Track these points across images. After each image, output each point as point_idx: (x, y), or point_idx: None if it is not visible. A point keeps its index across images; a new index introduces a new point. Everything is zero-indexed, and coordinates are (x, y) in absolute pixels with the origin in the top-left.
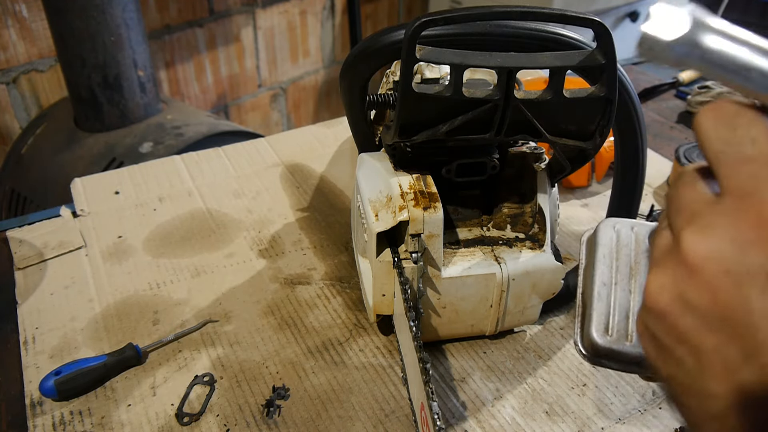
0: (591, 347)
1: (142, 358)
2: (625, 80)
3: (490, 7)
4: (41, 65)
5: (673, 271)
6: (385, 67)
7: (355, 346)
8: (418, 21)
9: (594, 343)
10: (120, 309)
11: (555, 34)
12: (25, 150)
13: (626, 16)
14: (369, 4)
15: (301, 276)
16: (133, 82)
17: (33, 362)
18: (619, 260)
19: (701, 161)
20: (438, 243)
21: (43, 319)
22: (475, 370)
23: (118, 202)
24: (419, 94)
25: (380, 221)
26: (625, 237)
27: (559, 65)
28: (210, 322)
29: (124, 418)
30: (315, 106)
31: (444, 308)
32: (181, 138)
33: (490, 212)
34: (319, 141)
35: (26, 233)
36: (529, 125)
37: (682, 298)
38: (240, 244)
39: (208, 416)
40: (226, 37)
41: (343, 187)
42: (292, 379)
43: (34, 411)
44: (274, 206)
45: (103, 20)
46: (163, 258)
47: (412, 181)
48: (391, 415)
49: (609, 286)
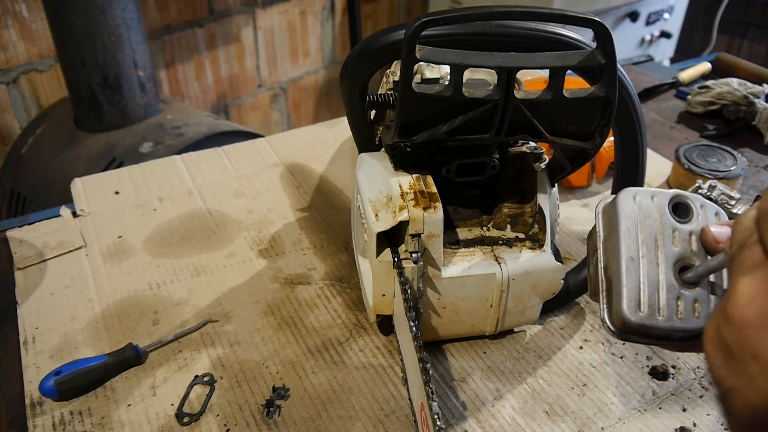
0: (622, 323)
1: (142, 358)
2: (625, 80)
3: (490, 7)
4: (41, 65)
5: (766, 287)
6: (385, 67)
7: (355, 346)
8: (418, 21)
9: (626, 320)
10: (120, 309)
11: (555, 34)
12: (25, 150)
13: (626, 16)
14: (369, 4)
15: (301, 276)
16: (133, 82)
17: (33, 362)
18: (644, 232)
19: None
20: (438, 243)
21: (43, 319)
22: (475, 370)
23: (118, 202)
24: (419, 94)
25: (380, 221)
26: (647, 207)
27: (559, 65)
28: (210, 322)
29: (124, 418)
30: (315, 106)
31: (444, 308)
32: (181, 138)
33: (490, 212)
34: (319, 141)
35: (26, 233)
36: (529, 125)
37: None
38: (240, 244)
39: (208, 416)
40: (226, 37)
41: (343, 187)
42: (292, 379)
43: (34, 411)
44: (274, 206)
45: (103, 20)
46: (163, 258)
47: (412, 181)
48: (391, 415)
49: (636, 260)
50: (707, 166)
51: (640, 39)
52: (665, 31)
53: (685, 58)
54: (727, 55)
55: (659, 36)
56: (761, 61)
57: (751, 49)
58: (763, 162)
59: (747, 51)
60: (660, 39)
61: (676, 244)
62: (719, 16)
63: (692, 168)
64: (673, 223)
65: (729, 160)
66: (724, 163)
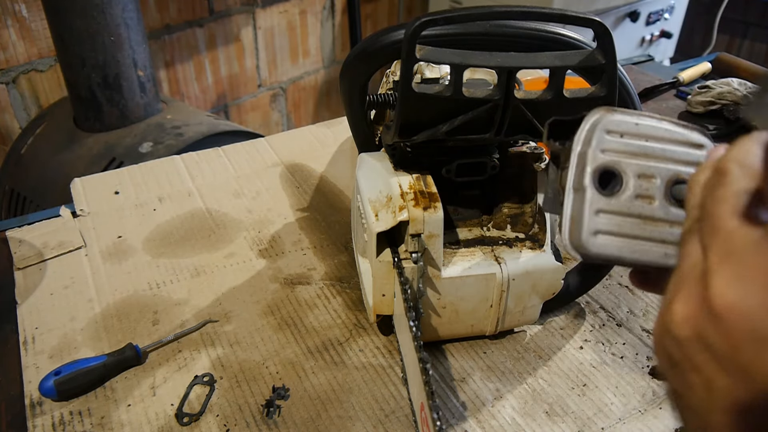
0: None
1: (142, 358)
2: (625, 80)
3: (490, 7)
4: (41, 65)
5: (699, 307)
6: (385, 67)
7: (355, 346)
8: (418, 21)
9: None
10: (120, 309)
11: (555, 34)
12: (24, 150)
13: (626, 16)
14: (369, 4)
15: (301, 276)
16: (132, 82)
17: (33, 362)
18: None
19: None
20: (438, 243)
21: (43, 319)
22: (475, 370)
23: (118, 202)
24: (419, 94)
25: (380, 221)
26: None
27: (559, 65)
28: (210, 322)
29: (123, 418)
30: (315, 106)
31: (444, 308)
32: (181, 138)
33: (490, 212)
34: (319, 141)
35: (26, 233)
36: (529, 125)
37: (703, 337)
38: (240, 244)
39: (207, 416)
40: (226, 37)
41: (343, 187)
42: (292, 379)
43: (33, 411)
44: (274, 206)
45: (103, 20)
46: (162, 258)
47: (412, 181)
48: (391, 415)
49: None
50: None
51: (640, 39)
52: (665, 30)
53: (685, 57)
54: (728, 55)
55: (659, 36)
56: (761, 61)
57: (752, 48)
58: None
59: (747, 51)
60: (660, 39)
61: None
62: (719, 15)
63: None
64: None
65: None
66: None
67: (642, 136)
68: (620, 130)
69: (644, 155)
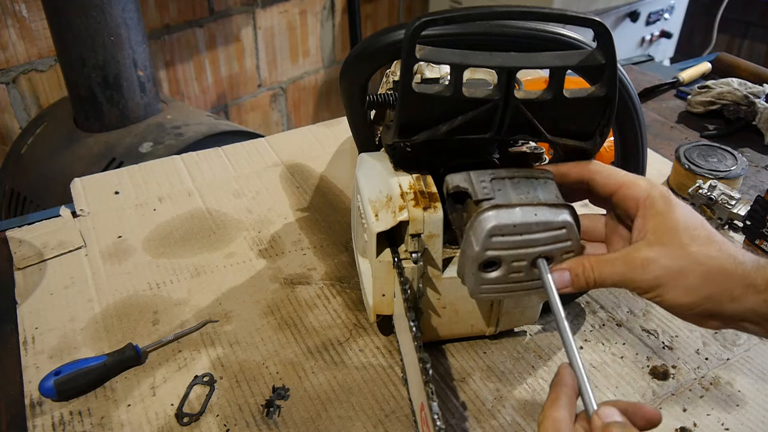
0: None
1: (142, 358)
2: (625, 80)
3: (490, 7)
4: (41, 65)
5: None
6: (385, 67)
7: (355, 346)
8: (418, 21)
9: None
10: (120, 309)
11: (555, 34)
12: (24, 150)
13: (626, 16)
14: (369, 4)
15: (301, 276)
16: (132, 82)
17: (33, 362)
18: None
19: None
20: (438, 243)
21: (43, 319)
22: (475, 370)
23: (118, 202)
24: (419, 94)
25: (380, 221)
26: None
27: (559, 65)
28: (210, 322)
29: (123, 418)
30: (315, 106)
31: (444, 308)
32: (181, 138)
33: None
34: (319, 141)
35: (26, 233)
36: (529, 125)
37: None
38: (240, 244)
39: (207, 416)
40: (226, 37)
41: (343, 187)
42: (292, 379)
43: (33, 411)
44: (274, 206)
45: (102, 20)
46: (162, 258)
47: (412, 181)
48: (391, 415)
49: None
50: (707, 166)
51: (640, 39)
52: (665, 30)
53: (685, 57)
54: (727, 55)
55: (659, 36)
56: (761, 60)
57: (752, 48)
58: (763, 162)
59: (747, 51)
60: (660, 39)
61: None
62: (719, 15)
63: (692, 168)
64: None
65: (729, 160)
66: (725, 163)
67: (517, 233)
68: (502, 232)
69: (516, 248)
